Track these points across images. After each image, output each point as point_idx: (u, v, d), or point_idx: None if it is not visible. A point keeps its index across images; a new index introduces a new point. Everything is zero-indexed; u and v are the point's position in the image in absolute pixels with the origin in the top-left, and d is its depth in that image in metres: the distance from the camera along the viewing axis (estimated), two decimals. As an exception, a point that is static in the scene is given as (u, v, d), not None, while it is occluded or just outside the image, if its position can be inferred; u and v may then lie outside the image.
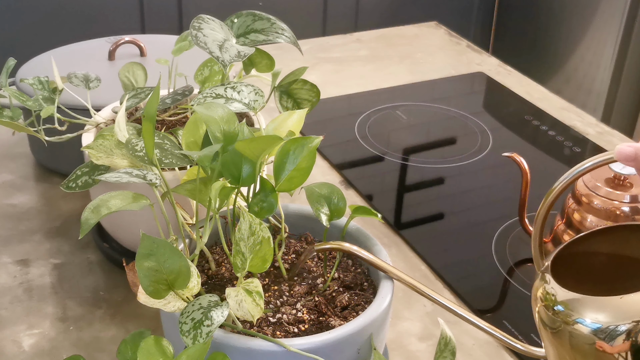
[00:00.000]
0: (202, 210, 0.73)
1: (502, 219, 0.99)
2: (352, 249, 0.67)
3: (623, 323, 0.56)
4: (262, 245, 0.60)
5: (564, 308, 0.59)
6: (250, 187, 0.66)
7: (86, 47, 1.12)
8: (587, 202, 0.85)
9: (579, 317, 0.58)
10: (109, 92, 0.91)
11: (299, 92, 0.81)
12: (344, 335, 0.60)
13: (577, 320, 0.58)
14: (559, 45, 2.45)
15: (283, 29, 0.75)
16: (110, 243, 0.89)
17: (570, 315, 0.58)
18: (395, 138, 1.20)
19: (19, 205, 0.99)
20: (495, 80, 1.39)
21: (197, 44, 0.68)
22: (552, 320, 0.60)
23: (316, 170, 1.07)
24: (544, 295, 0.61)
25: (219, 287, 0.67)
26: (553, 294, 0.61)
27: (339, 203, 0.68)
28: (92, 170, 0.74)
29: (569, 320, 0.58)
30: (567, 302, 0.59)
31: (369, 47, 1.51)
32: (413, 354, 0.79)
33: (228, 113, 0.64)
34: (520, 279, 0.89)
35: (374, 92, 1.33)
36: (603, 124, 1.25)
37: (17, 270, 0.88)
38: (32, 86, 0.83)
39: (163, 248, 0.57)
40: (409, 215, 1.02)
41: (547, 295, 0.61)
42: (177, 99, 0.83)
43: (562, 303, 0.59)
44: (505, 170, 1.10)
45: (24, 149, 1.10)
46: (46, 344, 0.78)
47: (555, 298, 0.60)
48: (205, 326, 0.56)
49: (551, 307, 0.60)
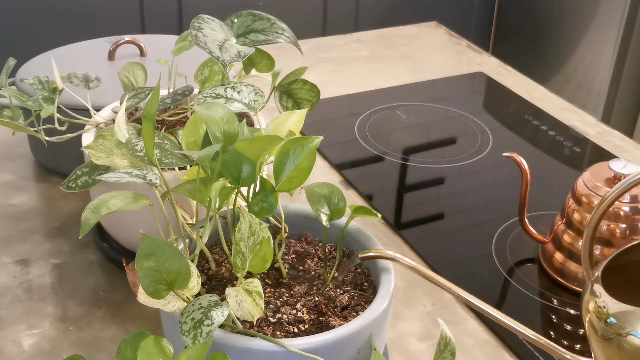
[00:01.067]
0: (202, 210, 0.73)
1: (502, 219, 0.99)
2: (395, 256, 0.66)
3: None
4: (262, 245, 0.60)
5: (616, 320, 0.59)
6: (250, 187, 0.66)
7: (86, 47, 1.12)
8: (587, 202, 0.85)
9: (632, 330, 0.58)
10: (109, 92, 0.91)
11: (299, 92, 0.81)
12: (344, 335, 0.60)
13: (630, 332, 0.58)
14: (559, 45, 2.45)
15: (283, 29, 0.75)
16: (110, 243, 0.89)
17: (623, 327, 0.58)
18: (395, 138, 1.20)
19: (19, 205, 0.99)
20: (495, 80, 1.39)
21: (197, 44, 0.68)
22: (604, 331, 0.60)
23: (316, 170, 1.07)
24: (595, 308, 0.61)
25: (219, 287, 0.67)
26: (604, 306, 0.60)
27: (339, 203, 0.68)
28: (92, 170, 0.74)
29: (622, 332, 0.58)
30: (619, 315, 0.59)
31: (369, 47, 1.51)
32: (413, 354, 0.79)
33: (228, 113, 0.64)
34: (520, 279, 0.89)
35: (374, 92, 1.33)
36: (603, 124, 1.25)
37: (17, 270, 0.88)
38: (32, 86, 0.83)
39: (163, 248, 0.57)
40: (409, 215, 1.02)
41: (598, 307, 0.61)
42: (177, 99, 0.83)
43: (614, 315, 0.59)
44: (505, 170, 1.10)
45: (24, 149, 1.10)
46: (46, 344, 0.78)
47: (607, 310, 0.60)
48: (206, 326, 0.56)
49: (603, 319, 0.60)
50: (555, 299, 0.87)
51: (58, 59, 0.95)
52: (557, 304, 0.86)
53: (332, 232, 0.71)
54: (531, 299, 0.87)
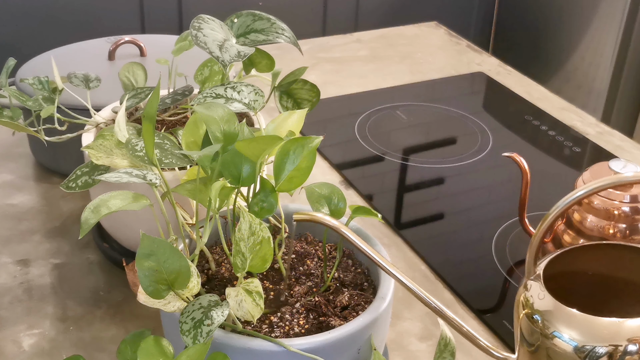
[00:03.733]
0: (202, 210, 0.73)
1: (502, 219, 0.99)
2: (324, 220, 0.63)
3: (602, 345, 0.57)
4: (262, 245, 0.60)
5: (542, 319, 0.59)
6: (250, 187, 0.66)
7: (86, 47, 1.12)
8: (587, 202, 0.85)
9: (555, 331, 0.59)
10: (109, 92, 0.91)
11: (299, 92, 0.81)
12: (344, 335, 0.60)
13: (554, 333, 0.59)
14: (559, 45, 2.45)
15: (283, 29, 0.75)
16: (110, 243, 0.89)
17: (548, 328, 0.59)
18: (395, 138, 1.20)
19: (19, 205, 0.99)
20: (495, 80, 1.39)
21: (197, 44, 0.68)
22: (531, 331, 0.61)
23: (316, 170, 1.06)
24: (525, 302, 0.62)
25: (219, 287, 0.67)
26: (533, 302, 0.61)
27: (339, 203, 0.68)
28: (92, 170, 0.74)
29: (547, 333, 0.59)
30: (548, 313, 0.60)
31: (369, 47, 1.51)
32: (413, 354, 0.79)
33: (228, 113, 0.64)
34: (520, 279, 0.89)
35: (374, 92, 1.33)
36: (603, 124, 1.25)
37: (17, 270, 0.88)
38: (32, 86, 0.83)
39: (163, 248, 0.57)
40: (409, 215, 1.02)
41: (528, 302, 0.61)
42: (177, 99, 0.83)
43: (543, 313, 0.60)
44: (505, 170, 1.10)
45: (24, 149, 1.10)
46: (46, 344, 0.78)
47: (537, 307, 0.61)
48: (206, 325, 0.56)
49: (532, 315, 0.61)
50: (555, 299, 0.87)
51: (58, 59, 0.95)
52: (557, 304, 0.86)
53: (332, 232, 0.71)
54: (531, 299, 0.87)
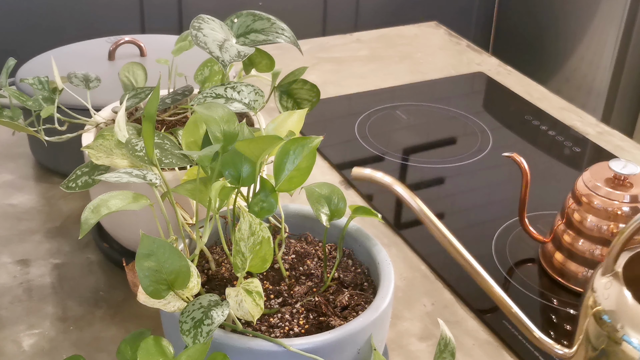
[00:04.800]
0: (202, 210, 0.73)
1: (502, 219, 0.99)
2: (379, 178, 0.63)
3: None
4: (262, 245, 0.60)
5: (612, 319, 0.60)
6: (250, 187, 0.66)
7: (86, 47, 1.12)
8: (587, 202, 0.85)
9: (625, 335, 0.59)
10: (109, 92, 0.91)
11: (299, 92, 0.81)
12: (344, 335, 0.60)
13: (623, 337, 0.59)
14: (559, 45, 2.45)
15: (283, 29, 0.75)
16: (110, 243, 0.89)
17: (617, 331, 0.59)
18: (395, 138, 1.20)
19: (19, 205, 0.99)
20: (495, 80, 1.39)
21: (197, 44, 0.68)
22: (597, 332, 0.60)
23: (316, 170, 1.07)
24: (594, 302, 0.61)
25: (219, 287, 0.67)
26: (604, 301, 0.61)
27: (339, 203, 0.68)
28: (92, 170, 0.74)
29: (616, 336, 0.59)
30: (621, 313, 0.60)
31: (369, 47, 1.51)
32: (413, 354, 0.79)
33: (228, 113, 0.64)
34: (520, 279, 0.89)
35: (374, 92, 1.33)
36: (603, 124, 1.25)
37: (17, 270, 0.88)
38: (32, 86, 0.83)
39: (163, 248, 0.57)
40: (409, 215, 1.02)
41: (597, 302, 0.61)
42: (177, 99, 0.83)
43: (614, 313, 0.60)
44: (505, 170, 1.10)
45: (24, 149, 1.10)
46: (46, 344, 0.78)
47: (608, 307, 0.60)
48: (206, 325, 0.56)
49: (600, 316, 0.61)
50: (555, 299, 0.87)
51: (58, 59, 0.95)
52: (557, 304, 0.86)
53: (332, 232, 0.71)
54: (531, 299, 0.87)
